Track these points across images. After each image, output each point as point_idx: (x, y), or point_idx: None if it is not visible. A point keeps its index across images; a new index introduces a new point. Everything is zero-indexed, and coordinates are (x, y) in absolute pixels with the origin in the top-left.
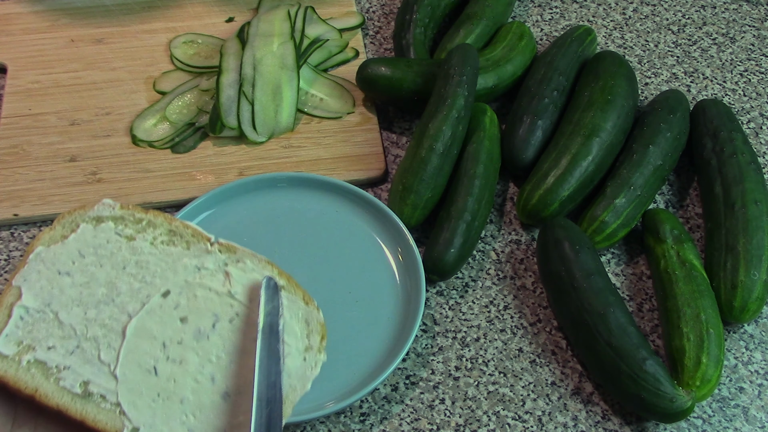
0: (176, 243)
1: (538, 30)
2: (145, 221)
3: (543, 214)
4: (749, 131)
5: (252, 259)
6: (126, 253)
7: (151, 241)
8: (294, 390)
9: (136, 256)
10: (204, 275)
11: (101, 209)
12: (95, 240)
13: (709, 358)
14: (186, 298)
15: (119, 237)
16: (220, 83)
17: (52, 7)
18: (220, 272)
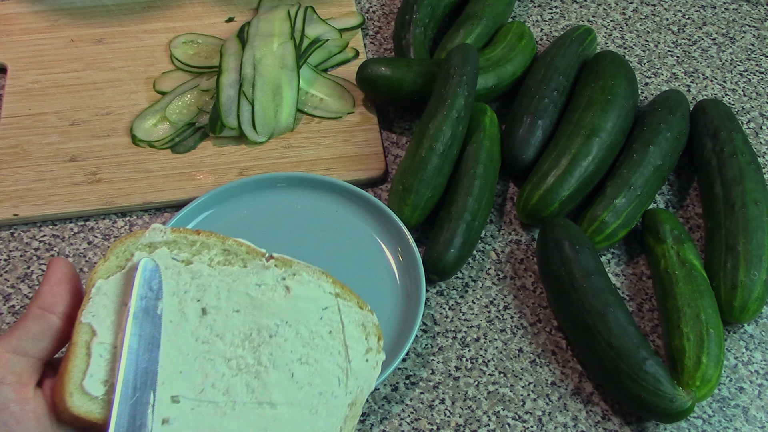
0: (233, 262)
1: (538, 30)
2: (199, 243)
3: (543, 214)
4: (749, 131)
5: (307, 271)
6: (186, 277)
7: (208, 263)
8: (362, 390)
9: (196, 279)
10: (264, 291)
11: (153, 235)
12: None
13: (709, 358)
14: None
15: (176, 262)
16: (220, 83)
17: (52, 7)
18: (279, 286)
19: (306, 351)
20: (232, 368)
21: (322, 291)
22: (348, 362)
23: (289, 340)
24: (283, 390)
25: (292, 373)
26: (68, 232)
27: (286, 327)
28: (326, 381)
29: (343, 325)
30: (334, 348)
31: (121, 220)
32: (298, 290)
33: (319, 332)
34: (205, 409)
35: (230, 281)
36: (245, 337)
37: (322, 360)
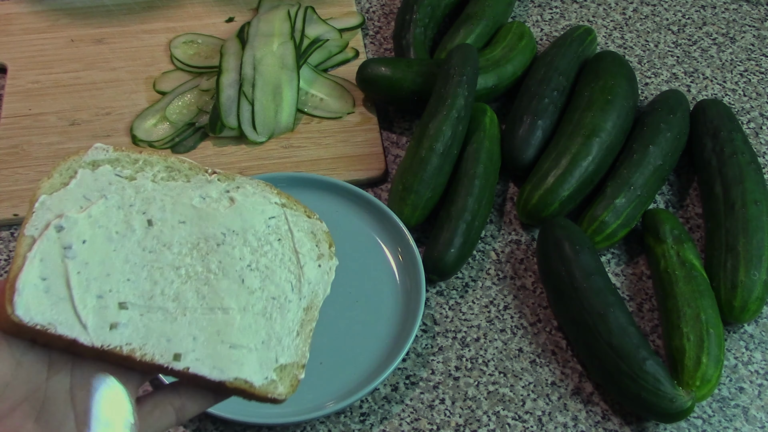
0: (176, 177)
1: (538, 30)
2: (141, 161)
3: (543, 214)
4: (749, 131)
5: (251, 184)
6: (130, 192)
7: (151, 179)
8: (317, 294)
9: (141, 193)
10: (209, 203)
11: (95, 153)
12: (97, 183)
13: (709, 358)
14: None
15: (120, 178)
16: (220, 83)
17: (52, 7)
18: (224, 198)
19: (255, 258)
20: (181, 276)
21: (268, 201)
22: (299, 268)
23: (237, 248)
24: (234, 296)
25: (242, 279)
26: None
27: (233, 236)
28: (278, 286)
29: (292, 232)
30: (284, 255)
31: None
32: (243, 201)
33: (267, 240)
34: (155, 315)
35: (174, 194)
36: (193, 246)
37: (272, 266)
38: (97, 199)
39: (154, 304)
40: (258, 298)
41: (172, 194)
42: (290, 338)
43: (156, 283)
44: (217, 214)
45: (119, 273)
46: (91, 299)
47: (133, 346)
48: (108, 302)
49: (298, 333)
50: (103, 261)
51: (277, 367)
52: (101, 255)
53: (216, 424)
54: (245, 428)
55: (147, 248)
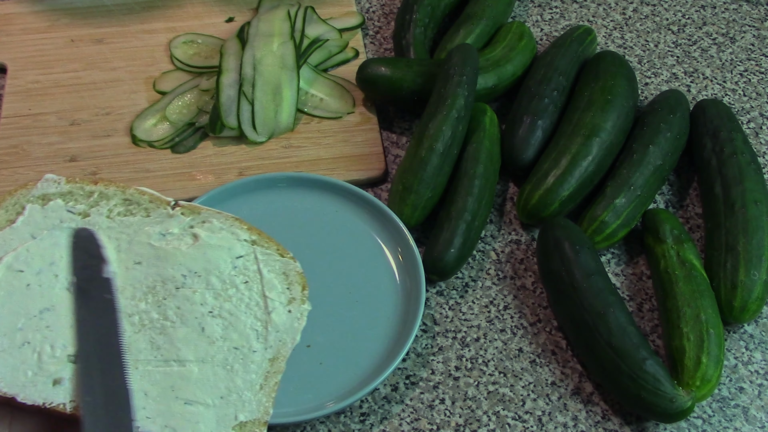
0: (134, 212)
1: (538, 30)
2: (97, 193)
3: (543, 214)
4: (749, 131)
5: (218, 218)
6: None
7: (107, 215)
8: (284, 344)
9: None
10: (170, 241)
11: (46, 186)
12: (46, 221)
13: (709, 358)
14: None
15: (72, 214)
16: (220, 83)
17: (52, 7)
18: (186, 235)
19: (218, 303)
20: (134, 324)
21: (236, 238)
22: (267, 314)
23: (199, 292)
24: (192, 346)
25: (202, 327)
26: None
27: (194, 278)
28: (242, 335)
29: (261, 274)
30: (250, 299)
31: None
32: (208, 238)
33: (233, 282)
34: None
35: (131, 232)
36: (148, 290)
37: (236, 312)
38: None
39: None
40: (219, 348)
41: (128, 232)
42: (252, 392)
43: None
44: (177, 253)
45: (64, 324)
46: (32, 353)
47: (78, 403)
48: (57, 354)
49: (262, 386)
50: (46, 311)
51: (236, 425)
52: (42, 305)
53: None
54: None
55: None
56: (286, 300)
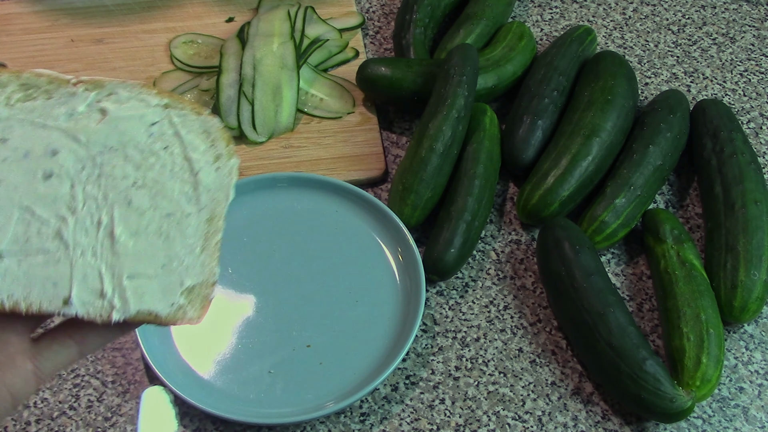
0: (35, 96)
1: (538, 30)
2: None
3: (543, 214)
4: (749, 131)
5: (124, 87)
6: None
7: (5, 104)
8: (219, 202)
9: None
10: (78, 120)
11: None
12: None
13: (709, 358)
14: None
15: None
16: (220, 83)
17: (52, 7)
18: (94, 111)
19: (140, 174)
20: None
21: (146, 105)
22: (194, 175)
23: (118, 166)
24: (122, 220)
25: (129, 201)
26: None
27: (111, 153)
28: (172, 201)
29: (180, 136)
30: (174, 164)
31: None
32: (117, 110)
33: (151, 150)
34: (34, 259)
35: (35, 117)
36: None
37: (161, 179)
38: None
39: (31, 248)
40: (150, 218)
41: (31, 117)
42: (193, 256)
43: (30, 224)
44: (88, 131)
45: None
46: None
47: (16, 297)
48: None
49: (203, 248)
50: None
51: (184, 290)
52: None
53: (216, 424)
54: (245, 428)
55: (11, 182)
56: (212, 158)
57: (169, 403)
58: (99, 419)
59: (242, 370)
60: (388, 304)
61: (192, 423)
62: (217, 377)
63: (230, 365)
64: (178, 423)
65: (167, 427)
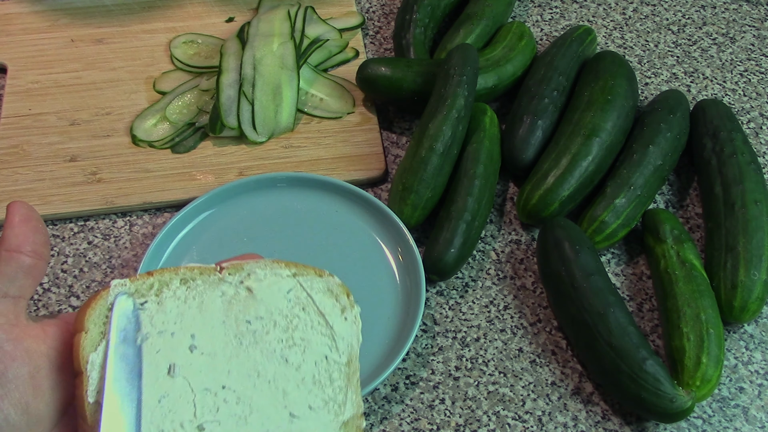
0: (192, 287)
1: (538, 30)
2: (156, 283)
3: (543, 214)
4: (749, 131)
5: (259, 266)
6: (159, 318)
7: (173, 298)
8: (352, 346)
9: (170, 319)
10: (230, 301)
11: (117, 290)
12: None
13: (709, 358)
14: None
15: (144, 310)
16: (220, 83)
17: (52, 7)
18: (241, 290)
19: (289, 334)
20: (235, 378)
21: (281, 277)
22: (330, 328)
23: (270, 332)
24: (284, 377)
25: (285, 359)
26: (68, 232)
27: (262, 322)
28: (318, 352)
29: (312, 297)
30: (312, 321)
31: (121, 220)
32: (259, 286)
33: (293, 313)
34: (229, 423)
35: (198, 305)
36: (236, 342)
37: (306, 336)
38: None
39: (222, 416)
40: (306, 370)
41: (194, 305)
42: (343, 394)
43: (216, 394)
44: (241, 306)
45: (183, 402)
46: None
47: None
48: (185, 430)
49: (348, 387)
50: (162, 396)
51: (341, 425)
52: (160, 392)
53: None
54: None
55: (196, 367)
56: (339, 310)
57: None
58: None
59: None
60: (388, 304)
61: None
62: None
63: None
64: None
65: None
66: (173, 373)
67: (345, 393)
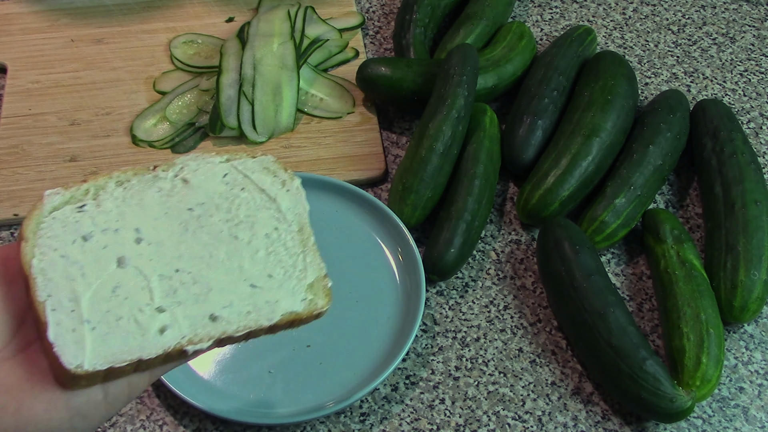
0: (128, 187)
1: (538, 30)
2: (92, 188)
3: (543, 214)
4: (749, 131)
5: (191, 158)
6: (101, 218)
7: (111, 199)
8: (300, 214)
9: (111, 216)
10: (168, 193)
11: (52, 200)
12: (67, 228)
13: (709, 358)
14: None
15: (82, 213)
16: (220, 83)
17: (52, 7)
18: (178, 184)
19: (233, 214)
20: (187, 261)
21: (213, 164)
22: (273, 200)
23: (214, 215)
24: (237, 253)
25: (235, 236)
26: None
27: (204, 208)
28: (266, 225)
29: (249, 177)
30: (254, 198)
31: None
32: (194, 176)
33: (233, 194)
34: (188, 304)
35: (135, 202)
36: (181, 233)
37: (251, 212)
38: (78, 240)
39: (182, 297)
40: (257, 244)
41: (133, 203)
42: (301, 259)
43: (171, 278)
44: (180, 197)
45: (137, 289)
46: (129, 321)
47: (188, 336)
48: (145, 314)
49: (305, 252)
50: (115, 286)
51: (306, 287)
52: (109, 285)
53: (216, 424)
54: (245, 428)
55: (146, 256)
56: (280, 184)
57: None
58: None
59: (242, 370)
60: (388, 304)
61: (192, 423)
62: (217, 377)
63: (230, 365)
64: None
65: None
66: (124, 265)
67: (303, 258)
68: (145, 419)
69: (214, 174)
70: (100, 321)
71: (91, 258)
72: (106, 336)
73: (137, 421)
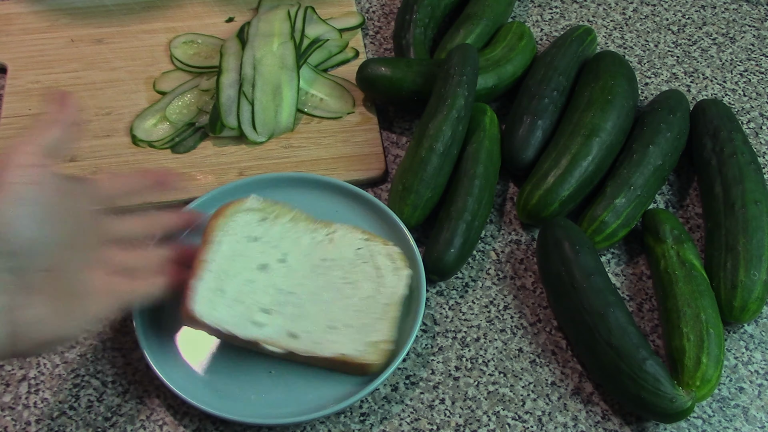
0: (296, 227)
1: (538, 30)
2: (276, 212)
3: (543, 214)
4: (749, 131)
5: (343, 227)
6: (269, 234)
7: (281, 225)
8: (394, 293)
9: (274, 236)
10: (318, 242)
11: (252, 203)
12: (246, 228)
13: (709, 358)
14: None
15: (261, 225)
16: (220, 83)
17: (52, 7)
18: (327, 240)
19: (349, 275)
20: (302, 290)
21: (355, 238)
22: (380, 278)
23: (336, 271)
24: (334, 300)
25: (339, 290)
26: None
27: (333, 263)
28: (366, 291)
29: (374, 256)
30: (368, 272)
31: None
32: (339, 240)
33: (357, 263)
34: (286, 318)
35: (295, 237)
36: (311, 270)
37: (361, 280)
38: (250, 238)
39: (284, 310)
40: (353, 302)
41: (293, 236)
42: (377, 323)
43: (286, 296)
44: (322, 249)
45: (262, 289)
46: (244, 306)
47: (272, 338)
48: (256, 308)
49: (383, 320)
50: (251, 280)
51: (369, 342)
52: (248, 277)
53: (216, 424)
54: (245, 428)
55: (281, 273)
56: (392, 269)
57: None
58: (99, 419)
59: (243, 370)
60: None
61: (192, 423)
62: (217, 377)
63: (231, 366)
64: None
65: None
66: (265, 270)
67: (380, 323)
68: (145, 419)
69: (351, 244)
70: (229, 295)
71: (249, 253)
72: (224, 306)
73: (137, 421)
